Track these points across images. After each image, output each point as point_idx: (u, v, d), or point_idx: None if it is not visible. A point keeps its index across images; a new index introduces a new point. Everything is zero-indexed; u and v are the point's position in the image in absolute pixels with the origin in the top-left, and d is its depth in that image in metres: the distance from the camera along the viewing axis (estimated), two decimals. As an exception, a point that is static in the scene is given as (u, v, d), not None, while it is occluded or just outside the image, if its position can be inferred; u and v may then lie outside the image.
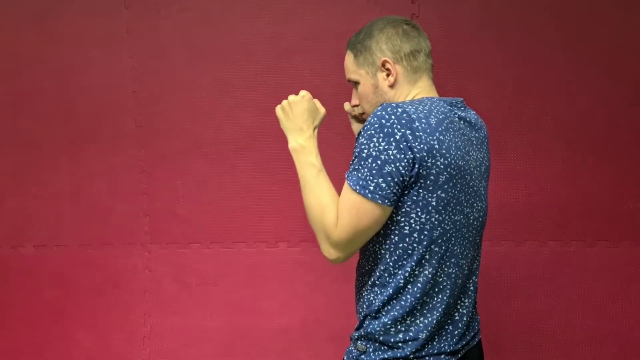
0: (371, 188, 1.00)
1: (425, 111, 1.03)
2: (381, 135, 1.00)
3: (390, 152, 0.99)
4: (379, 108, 1.03)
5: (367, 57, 1.16)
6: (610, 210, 1.93)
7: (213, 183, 1.98)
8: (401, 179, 1.00)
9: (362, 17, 1.25)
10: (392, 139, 0.99)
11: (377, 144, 1.00)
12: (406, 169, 1.00)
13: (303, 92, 1.19)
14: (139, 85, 1.97)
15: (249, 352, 2.01)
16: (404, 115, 1.00)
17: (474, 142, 1.13)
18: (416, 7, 1.89)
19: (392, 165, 0.99)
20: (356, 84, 1.20)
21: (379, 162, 1.00)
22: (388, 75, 1.15)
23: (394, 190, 1.01)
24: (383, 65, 1.15)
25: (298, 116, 1.17)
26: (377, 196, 1.01)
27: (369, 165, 1.01)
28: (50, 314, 2.05)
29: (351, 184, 1.03)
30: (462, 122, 1.11)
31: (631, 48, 1.88)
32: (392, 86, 1.15)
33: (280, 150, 1.95)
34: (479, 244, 1.18)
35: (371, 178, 1.01)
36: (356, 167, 1.03)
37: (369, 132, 1.01)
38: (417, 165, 1.00)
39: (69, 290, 2.04)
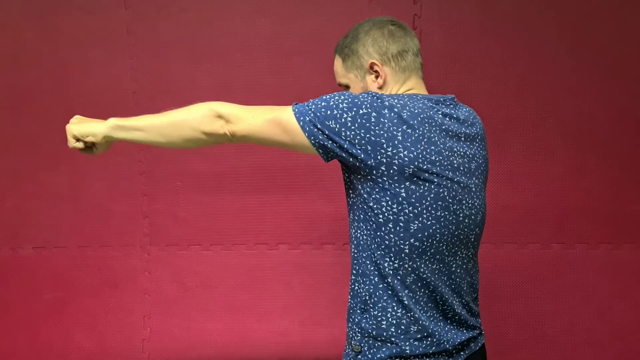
0: (307, 119, 1.04)
1: (399, 105, 1.04)
2: (349, 100, 1.03)
3: (345, 115, 1.02)
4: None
5: (354, 60, 1.17)
6: (613, 212, 1.92)
7: (213, 184, 1.97)
8: (337, 139, 1.02)
9: (363, 18, 1.24)
10: (354, 109, 1.02)
11: (339, 102, 1.04)
12: (349, 139, 1.01)
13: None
14: (138, 85, 1.96)
15: (249, 354, 2.01)
16: (378, 100, 1.03)
17: (462, 137, 1.12)
18: (418, 8, 1.88)
19: (337, 126, 1.02)
20: (347, 87, 1.21)
21: (329, 112, 1.03)
22: (377, 77, 1.16)
23: (325, 139, 1.03)
24: (371, 67, 1.16)
25: (82, 119, 1.26)
26: (307, 128, 1.04)
27: (319, 107, 1.04)
28: (49, 315, 2.05)
29: (294, 105, 1.07)
30: (446, 118, 1.10)
31: (634, 48, 1.87)
32: (381, 88, 1.16)
33: (281, 152, 1.96)
34: (474, 243, 1.16)
35: (312, 115, 1.04)
36: (309, 101, 1.07)
37: (342, 92, 1.06)
38: (369, 148, 1.01)
39: (68, 292, 2.04)
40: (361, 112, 1.01)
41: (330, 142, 1.03)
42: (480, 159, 1.17)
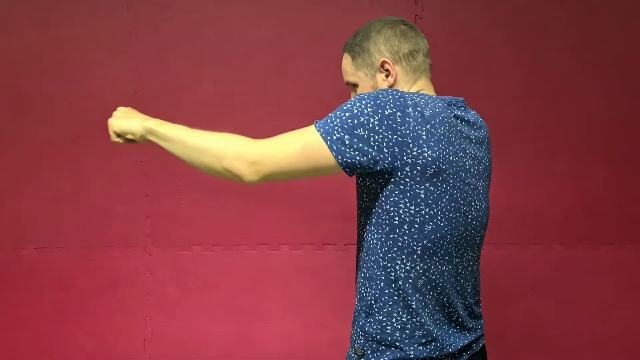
0: (334, 137, 0.99)
1: (421, 103, 1.03)
2: (372, 102, 0.99)
3: (372, 119, 0.98)
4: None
5: (365, 58, 1.16)
6: (615, 213, 1.92)
7: (215, 185, 1.97)
8: (366, 149, 0.99)
9: (365, 19, 1.24)
10: (379, 111, 0.98)
11: (363, 107, 0.99)
12: (377, 143, 0.98)
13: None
14: (140, 86, 1.96)
15: (250, 355, 2.00)
16: (401, 99, 1.00)
17: (473, 140, 1.13)
18: (419, 8, 1.88)
19: (366, 132, 0.98)
20: (355, 86, 1.20)
21: (355, 121, 0.99)
22: (387, 76, 1.15)
23: (354, 154, 0.99)
24: (382, 66, 1.15)
25: (125, 112, 1.19)
26: (335, 147, 0.99)
27: (344, 118, 1.00)
28: (51, 316, 2.05)
29: (317, 125, 1.02)
30: (458, 120, 1.10)
31: (638, 49, 1.86)
32: (391, 87, 1.15)
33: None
34: (479, 245, 1.17)
35: (339, 129, 0.99)
36: (330, 115, 1.02)
37: (361, 96, 1.02)
38: (397, 149, 0.98)
39: (70, 292, 2.04)
40: (386, 113, 0.98)
41: (359, 156, 0.99)
42: (486, 162, 1.17)
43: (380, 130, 0.98)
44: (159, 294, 2.02)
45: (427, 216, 1.03)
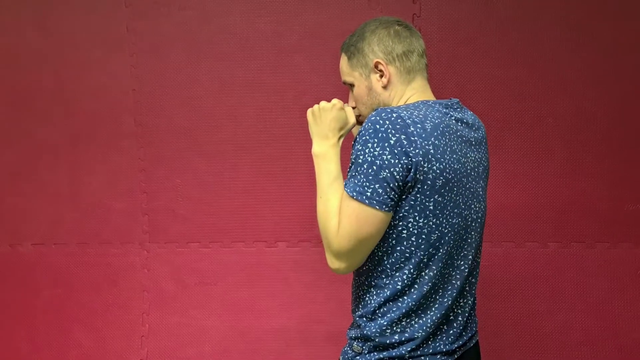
0: (368, 194, 1.01)
1: (420, 116, 1.03)
2: (376, 140, 1.00)
3: (384, 157, 0.99)
4: (373, 113, 1.03)
5: (360, 59, 1.16)
6: (609, 211, 1.93)
7: (212, 182, 1.98)
8: (396, 184, 1.00)
9: (363, 17, 1.25)
10: (386, 144, 0.99)
11: (372, 149, 1.00)
12: (400, 174, 1.00)
13: (335, 101, 1.19)
14: (138, 83, 1.96)
15: (247, 351, 2.01)
16: (399, 120, 1.00)
17: (473, 142, 1.13)
18: (417, 7, 1.88)
19: (387, 171, 0.99)
20: (351, 86, 1.21)
21: (374, 167, 1.00)
22: (381, 76, 1.15)
23: (391, 196, 1.01)
24: (376, 66, 1.15)
25: (326, 123, 1.17)
26: (375, 202, 1.00)
27: (365, 170, 1.01)
28: (48, 312, 2.05)
29: (348, 191, 1.03)
30: (458, 123, 1.11)
31: (633, 48, 1.88)
32: (385, 87, 1.15)
33: (280, 150, 1.96)
34: (479, 245, 1.18)
35: (367, 184, 1.01)
36: (353, 173, 1.04)
37: (364, 138, 1.02)
38: (412, 170, 1.00)
39: (67, 288, 2.04)
40: (392, 142, 0.99)
41: (392, 193, 1.01)
42: (485, 162, 1.18)
43: (396, 161, 0.99)
44: (156, 290, 2.03)
45: (433, 226, 1.04)
